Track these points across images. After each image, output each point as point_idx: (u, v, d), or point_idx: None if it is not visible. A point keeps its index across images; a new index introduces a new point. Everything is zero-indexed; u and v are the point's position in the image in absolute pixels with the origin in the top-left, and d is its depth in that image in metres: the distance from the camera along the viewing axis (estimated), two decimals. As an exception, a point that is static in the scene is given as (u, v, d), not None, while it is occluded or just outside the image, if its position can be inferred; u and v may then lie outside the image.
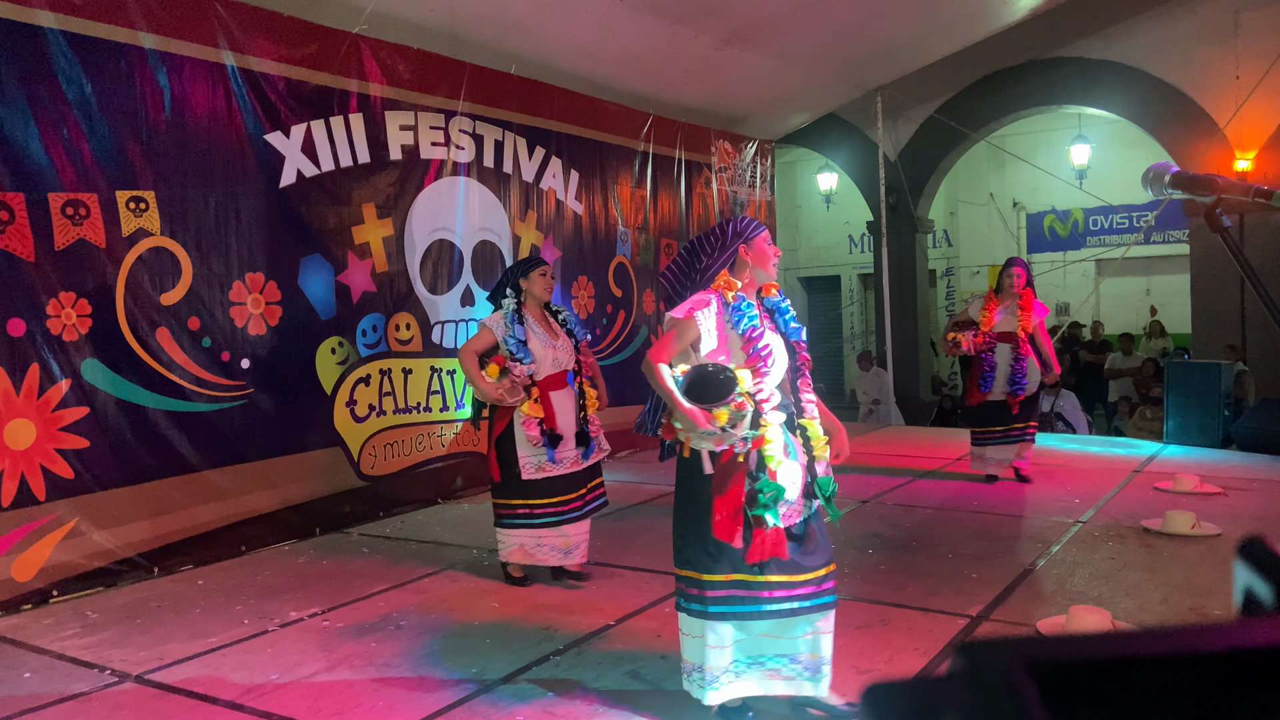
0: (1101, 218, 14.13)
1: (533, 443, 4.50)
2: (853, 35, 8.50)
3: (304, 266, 5.83)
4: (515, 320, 4.52)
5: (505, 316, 4.53)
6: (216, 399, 5.32)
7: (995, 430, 6.61)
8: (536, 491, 4.53)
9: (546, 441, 4.51)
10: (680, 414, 2.90)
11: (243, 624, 4.21)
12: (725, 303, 3.02)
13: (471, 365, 4.51)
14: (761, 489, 2.90)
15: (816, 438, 3.09)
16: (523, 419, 4.51)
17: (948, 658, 3.56)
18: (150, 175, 5.01)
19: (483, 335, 4.56)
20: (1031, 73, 10.85)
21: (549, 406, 4.53)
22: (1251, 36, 9.60)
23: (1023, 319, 6.43)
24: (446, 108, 6.75)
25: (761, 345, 2.99)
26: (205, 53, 5.27)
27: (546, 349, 4.56)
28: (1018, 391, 6.44)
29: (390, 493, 6.33)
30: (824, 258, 16.22)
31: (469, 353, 4.55)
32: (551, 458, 4.53)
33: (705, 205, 9.69)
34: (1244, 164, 9.84)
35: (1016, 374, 6.43)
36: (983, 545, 5.14)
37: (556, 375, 4.59)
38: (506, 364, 4.49)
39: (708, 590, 2.96)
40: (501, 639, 3.92)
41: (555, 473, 4.54)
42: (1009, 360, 6.44)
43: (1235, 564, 0.50)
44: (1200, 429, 8.16)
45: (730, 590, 2.94)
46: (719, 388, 2.87)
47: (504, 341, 4.51)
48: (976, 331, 6.50)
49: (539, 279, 4.61)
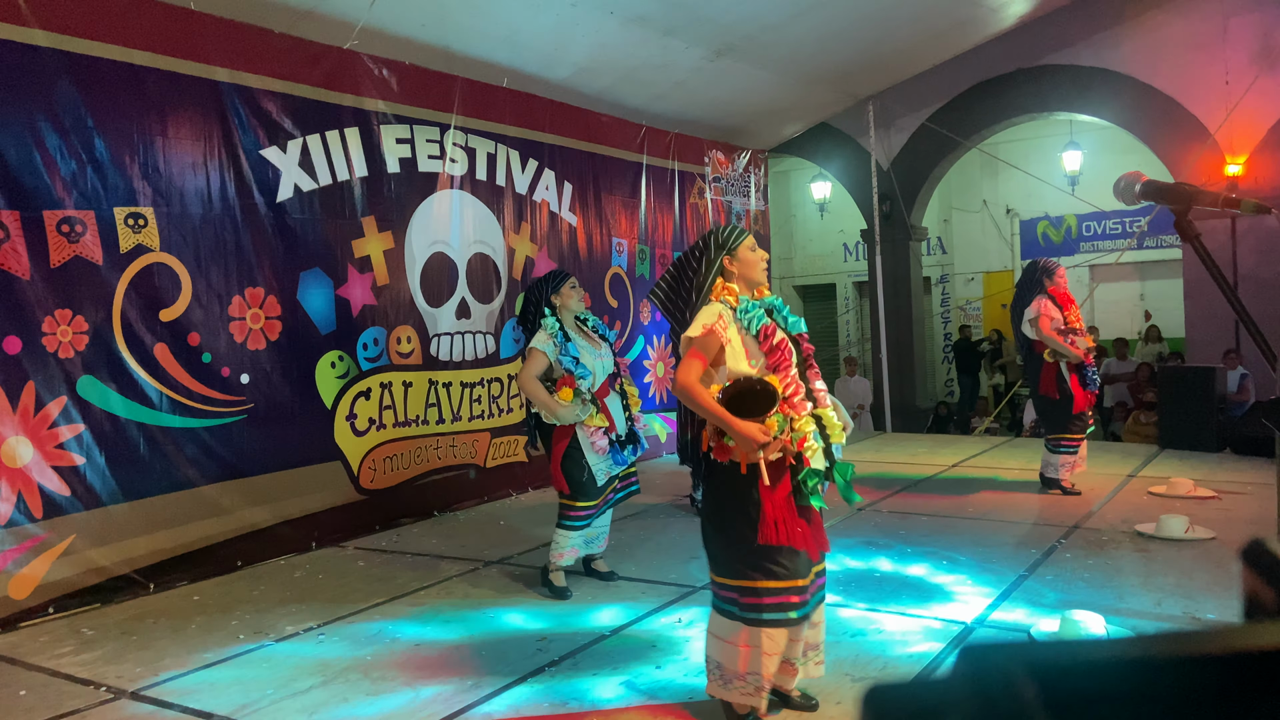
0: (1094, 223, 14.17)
1: (601, 452, 4.61)
2: (843, 45, 8.55)
3: (303, 280, 5.85)
4: (563, 339, 4.56)
5: (554, 336, 4.55)
6: (215, 414, 5.33)
7: (1078, 436, 6.47)
8: (597, 492, 4.67)
9: (617, 447, 4.64)
10: (736, 433, 2.89)
11: (238, 639, 4.22)
12: (732, 309, 3.08)
13: (541, 391, 4.50)
14: (805, 479, 2.98)
15: (832, 425, 3.12)
16: (591, 432, 4.58)
17: (942, 664, 3.58)
18: (149, 192, 5.04)
19: (538, 360, 4.52)
20: (1022, 80, 10.90)
21: (608, 414, 4.65)
22: (1240, 42, 9.65)
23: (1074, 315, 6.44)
24: (440, 121, 6.79)
25: (778, 340, 3.07)
26: (200, 70, 5.31)
27: (596, 360, 4.64)
28: (1094, 388, 6.51)
29: (388, 506, 6.34)
30: (819, 266, 16.25)
31: (533, 380, 4.50)
32: (623, 461, 4.69)
33: (699, 215, 9.73)
34: (1235, 169, 9.88)
35: (1092, 370, 6.45)
36: (978, 551, 5.15)
37: (605, 383, 4.70)
38: (578, 382, 4.53)
39: (765, 598, 2.95)
40: (497, 651, 3.93)
41: (616, 472, 4.72)
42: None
43: (1238, 568, 0.51)
44: (1195, 434, 8.18)
45: (784, 596, 2.96)
46: (763, 398, 2.92)
47: (559, 362, 4.53)
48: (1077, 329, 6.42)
49: (570, 292, 4.67)
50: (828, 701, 3.28)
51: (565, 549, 4.70)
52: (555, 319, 4.60)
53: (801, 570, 2.97)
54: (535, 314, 4.66)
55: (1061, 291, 6.43)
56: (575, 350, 4.56)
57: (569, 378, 4.51)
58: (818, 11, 7.58)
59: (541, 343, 4.53)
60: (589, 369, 4.56)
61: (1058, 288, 6.42)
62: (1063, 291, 6.44)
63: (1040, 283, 6.43)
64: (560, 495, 4.73)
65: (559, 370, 4.54)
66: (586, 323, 4.81)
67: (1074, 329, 6.40)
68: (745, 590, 2.97)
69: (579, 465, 4.58)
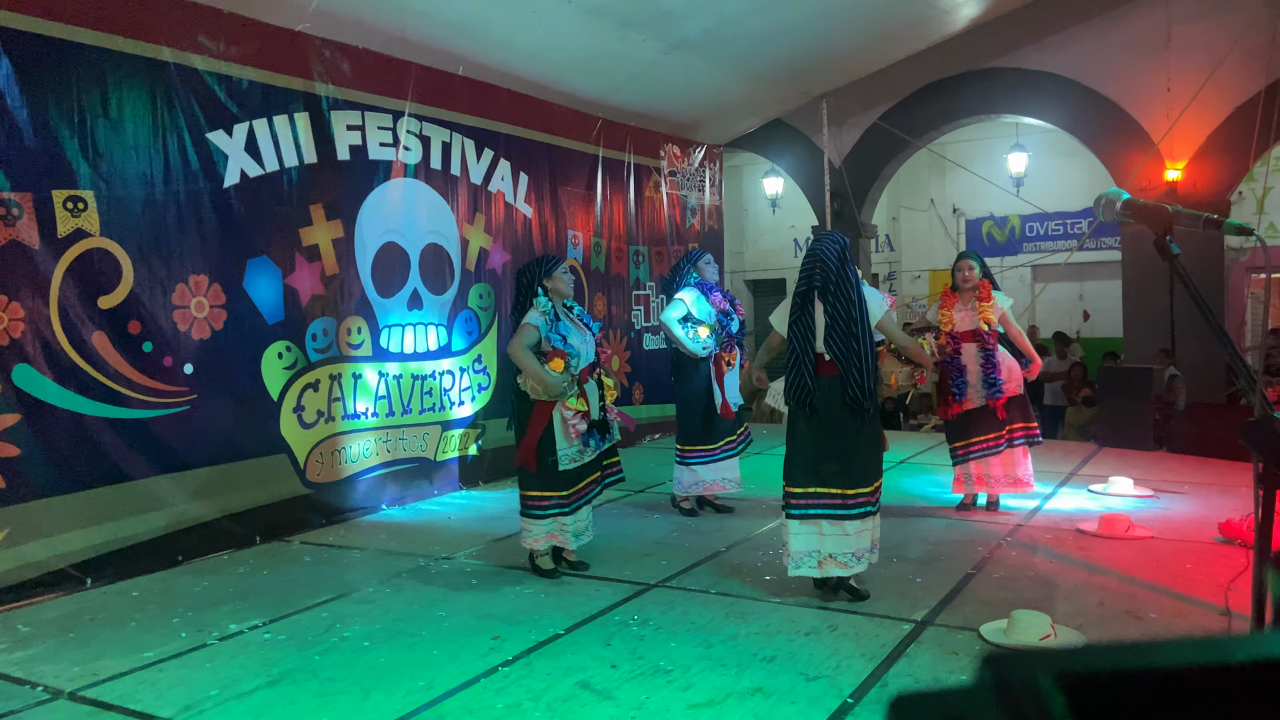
0: (1038, 224, 14.47)
1: (574, 437, 4.69)
2: (798, 43, 8.58)
3: (250, 269, 5.71)
4: (554, 317, 4.71)
5: (546, 314, 4.69)
6: (157, 405, 5.18)
7: (978, 441, 5.90)
8: (567, 481, 4.73)
9: (590, 433, 4.74)
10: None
11: (180, 637, 4.11)
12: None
13: (532, 359, 4.61)
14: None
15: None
16: (570, 414, 4.67)
17: (895, 662, 3.62)
18: (89, 174, 4.86)
19: (529, 333, 4.66)
20: (971, 82, 11.06)
21: (586, 400, 4.74)
22: (1183, 50, 9.90)
23: (983, 312, 5.83)
24: (393, 108, 6.67)
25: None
26: (145, 49, 5.13)
27: (581, 344, 4.77)
28: (997, 394, 5.82)
29: (335, 499, 6.23)
30: (770, 261, 16.35)
31: (524, 348, 4.63)
32: (598, 445, 4.79)
33: (655, 209, 9.71)
34: (1174, 174, 10.15)
35: (991, 374, 5.83)
36: (926, 550, 5.22)
37: (587, 368, 4.81)
38: (568, 359, 4.64)
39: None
40: (449, 650, 3.88)
41: (583, 461, 4.77)
42: (979, 361, 5.84)
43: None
44: (1132, 432, 8.40)
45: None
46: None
47: (549, 338, 4.65)
48: (937, 334, 5.91)
49: (562, 277, 4.83)
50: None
51: (536, 535, 4.79)
52: (547, 299, 4.75)
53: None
54: (528, 293, 4.80)
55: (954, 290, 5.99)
56: (565, 329, 4.72)
57: (560, 352, 4.64)
58: (774, 9, 7.59)
59: (535, 318, 4.68)
60: (576, 349, 4.70)
61: (954, 284, 5.99)
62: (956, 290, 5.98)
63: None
64: (520, 484, 4.83)
65: (547, 346, 4.66)
66: (573, 310, 4.95)
67: (929, 328, 5.96)
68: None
69: (549, 448, 4.69)
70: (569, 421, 4.68)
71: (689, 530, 5.85)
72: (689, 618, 4.20)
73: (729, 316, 6.05)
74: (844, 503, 4.31)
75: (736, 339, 6.16)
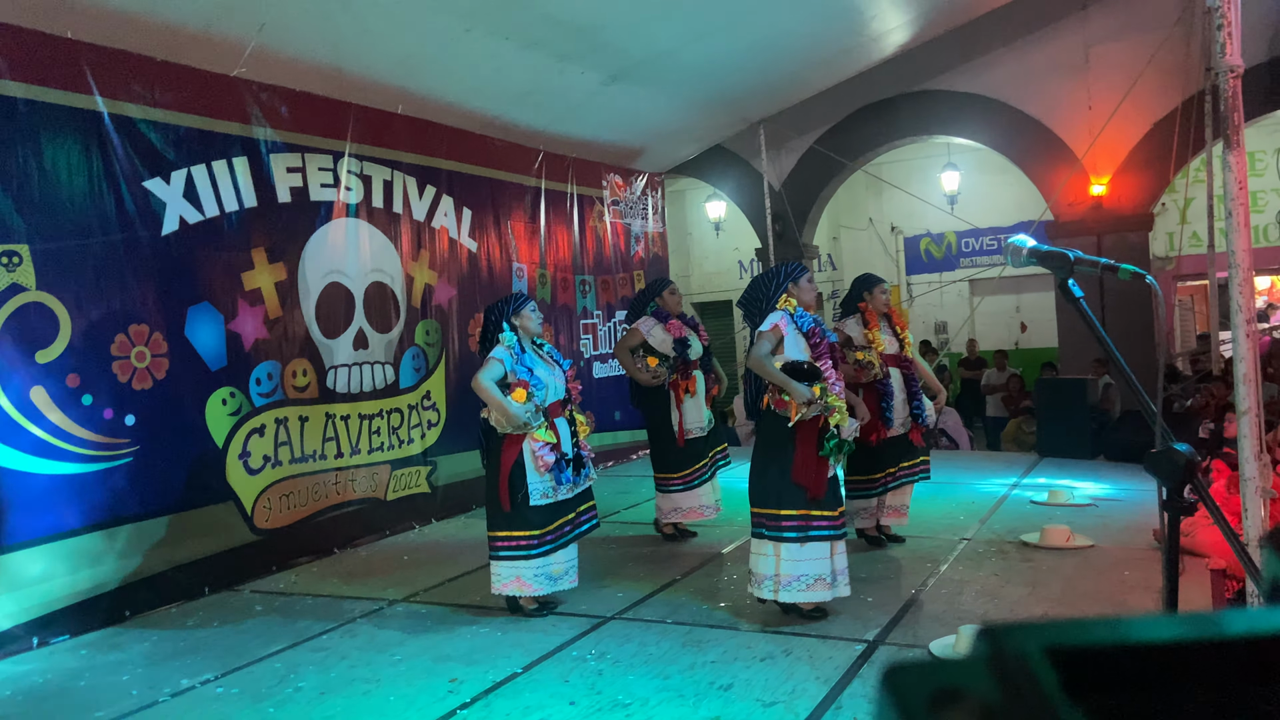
0: (972, 240, 14.84)
1: (543, 469, 4.63)
2: (735, 71, 8.76)
3: (191, 316, 5.65)
4: (520, 350, 4.71)
5: (512, 349, 4.69)
6: (98, 458, 5.09)
7: (891, 471, 5.62)
8: (539, 520, 4.66)
9: (560, 466, 4.67)
10: (796, 392, 4.33)
11: (130, 695, 4.04)
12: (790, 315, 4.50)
13: (495, 390, 4.59)
14: (832, 439, 4.35)
15: (841, 409, 4.46)
16: (538, 445, 4.63)
17: (849, 684, 3.69)
18: (23, 228, 4.79)
19: (493, 366, 4.64)
20: (903, 104, 11.36)
21: (556, 433, 4.71)
22: (1101, 69, 10.29)
23: (905, 338, 5.71)
24: (333, 149, 6.66)
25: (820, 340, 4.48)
26: (76, 100, 5.08)
27: (549, 378, 4.76)
28: (923, 420, 5.71)
29: (284, 546, 6.15)
30: (716, 283, 16.52)
31: (487, 380, 4.60)
32: (568, 479, 4.72)
33: (599, 238, 9.79)
34: (1099, 189, 10.52)
35: (916, 400, 5.65)
36: (875, 568, 5.33)
37: (556, 403, 4.78)
38: (531, 390, 4.62)
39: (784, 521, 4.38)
40: (405, 696, 3.87)
41: (557, 499, 4.71)
42: (902, 386, 5.62)
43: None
44: (1071, 442, 8.64)
45: (799, 521, 4.36)
46: (809, 374, 4.40)
47: (513, 371, 4.63)
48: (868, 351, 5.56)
49: (530, 315, 4.83)
50: None
51: (505, 580, 4.72)
52: (514, 335, 4.75)
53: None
54: (494, 330, 4.80)
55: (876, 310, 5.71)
56: (531, 362, 4.72)
57: (522, 382, 4.64)
58: (710, 39, 7.75)
59: (501, 351, 4.68)
60: (542, 382, 4.69)
61: (871, 305, 5.70)
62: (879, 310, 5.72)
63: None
64: (489, 524, 4.77)
65: (513, 379, 4.65)
66: (543, 347, 4.97)
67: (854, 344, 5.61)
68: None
69: (520, 482, 4.64)
70: (537, 453, 4.63)
71: (644, 559, 5.89)
72: (646, 649, 4.24)
73: (686, 345, 6.13)
74: (753, 519, 4.58)
75: (702, 364, 6.23)
